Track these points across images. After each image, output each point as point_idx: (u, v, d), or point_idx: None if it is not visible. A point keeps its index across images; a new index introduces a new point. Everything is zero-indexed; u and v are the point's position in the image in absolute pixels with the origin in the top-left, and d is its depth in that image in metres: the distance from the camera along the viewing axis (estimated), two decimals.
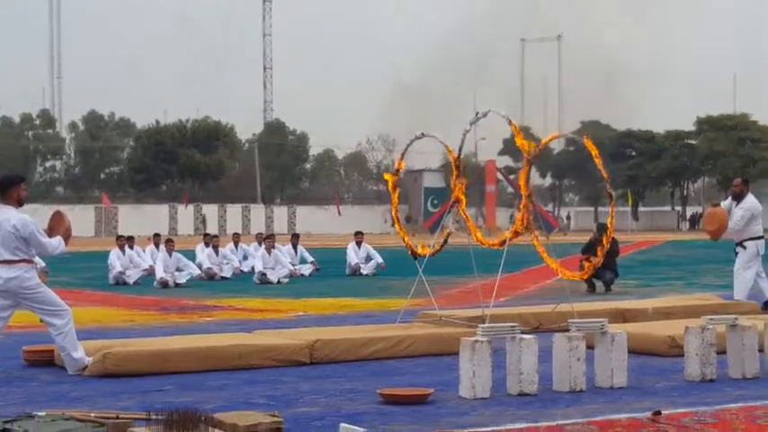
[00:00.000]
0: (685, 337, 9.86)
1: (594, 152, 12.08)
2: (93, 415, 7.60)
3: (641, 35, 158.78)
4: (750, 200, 15.47)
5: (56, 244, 10.27)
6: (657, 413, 7.75)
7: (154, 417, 7.11)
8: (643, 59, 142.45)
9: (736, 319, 10.21)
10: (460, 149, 12.81)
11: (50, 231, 10.43)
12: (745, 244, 15.40)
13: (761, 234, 15.32)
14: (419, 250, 13.35)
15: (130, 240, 25.61)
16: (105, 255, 26.30)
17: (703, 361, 9.65)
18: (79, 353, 10.21)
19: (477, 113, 12.71)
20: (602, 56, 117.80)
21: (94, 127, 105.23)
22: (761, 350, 10.05)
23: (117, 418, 7.45)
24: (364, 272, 27.05)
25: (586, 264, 14.97)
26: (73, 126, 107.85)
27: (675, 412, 7.95)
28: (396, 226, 13.76)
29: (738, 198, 15.43)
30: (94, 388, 9.38)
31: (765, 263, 15.79)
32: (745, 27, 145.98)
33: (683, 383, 9.56)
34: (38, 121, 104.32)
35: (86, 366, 10.13)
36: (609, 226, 12.91)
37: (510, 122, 12.38)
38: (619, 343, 9.45)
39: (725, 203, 15.76)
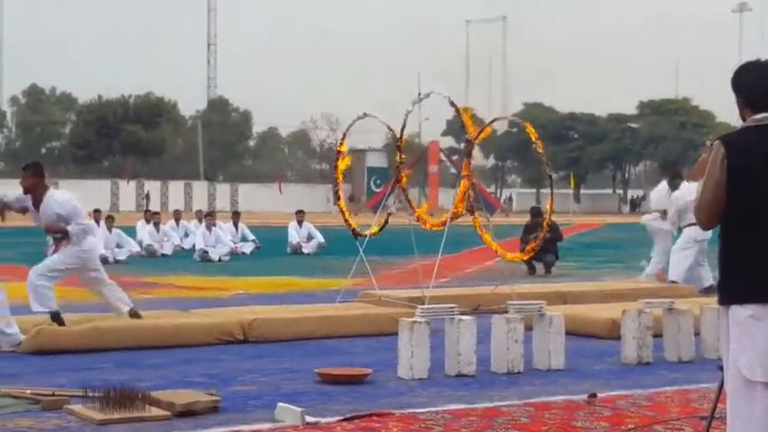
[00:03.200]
0: (622, 321, 9.95)
1: (534, 136, 12.16)
2: (28, 392, 7.54)
3: (586, 18, 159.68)
4: (686, 186, 15.73)
5: None
6: (593, 396, 7.80)
7: (90, 394, 7.06)
8: (586, 42, 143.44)
9: (672, 302, 10.31)
10: (402, 129, 12.79)
11: None
12: (684, 228, 15.69)
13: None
14: (374, 230, 13.29)
15: None
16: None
17: (640, 344, 9.74)
18: (13, 329, 10.08)
19: (419, 94, 12.71)
20: (547, 38, 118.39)
21: (36, 101, 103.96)
22: (696, 334, 10.16)
23: (53, 395, 7.40)
24: (305, 251, 26.99)
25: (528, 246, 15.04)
26: (14, 100, 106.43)
27: (611, 395, 8.01)
28: (339, 205, 13.72)
29: (675, 187, 15.91)
30: (29, 364, 9.27)
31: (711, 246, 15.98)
32: (688, 11, 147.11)
33: (619, 366, 9.65)
34: None
35: (20, 343, 10.00)
36: (549, 210, 13.02)
37: (452, 103, 12.39)
38: (556, 325, 9.51)
39: (661, 186, 16.26)
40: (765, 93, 4.83)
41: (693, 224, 15.50)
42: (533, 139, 12.13)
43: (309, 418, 6.79)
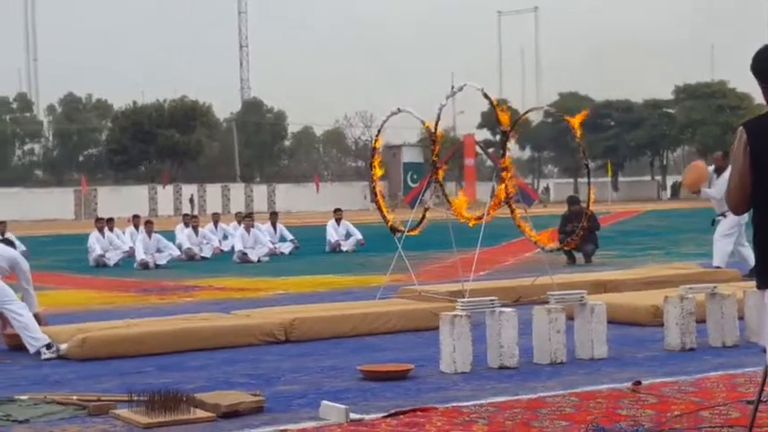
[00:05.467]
0: (665, 307, 9.88)
1: (575, 125, 12.07)
2: (74, 398, 7.60)
3: (617, 4, 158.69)
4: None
5: None
6: (638, 383, 7.77)
7: (136, 398, 7.11)
8: (621, 29, 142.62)
9: (715, 287, 10.23)
10: (437, 124, 12.76)
11: None
12: (726, 213, 15.46)
13: None
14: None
15: (110, 222, 25.50)
16: (85, 237, 26.18)
17: (683, 330, 9.68)
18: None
19: (452, 87, 12.68)
20: (580, 26, 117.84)
21: (72, 109, 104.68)
22: (740, 318, 10.07)
23: (98, 400, 7.46)
24: (344, 249, 27.02)
25: (567, 237, 14.95)
26: (50, 109, 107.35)
27: (655, 382, 7.96)
28: (377, 201, 13.70)
29: (719, 172, 15.51)
30: (74, 371, 9.33)
31: (748, 230, 15.84)
32: None
33: (663, 353, 9.59)
34: (15, 105, 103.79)
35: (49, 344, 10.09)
36: (588, 199, 12.94)
37: (486, 95, 12.35)
38: (598, 314, 9.46)
39: (708, 168, 15.85)
40: None
41: None
42: (573, 129, 12.04)
43: (354, 416, 6.80)
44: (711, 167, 15.97)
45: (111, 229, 25.26)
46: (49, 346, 10.03)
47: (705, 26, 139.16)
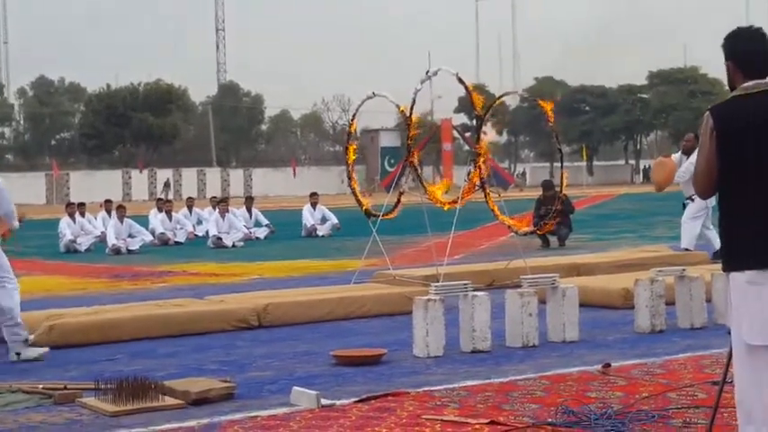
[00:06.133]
0: (635, 290, 9.95)
1: (549, 110, 12.11)
2: (41, 386, 7.55)
3: None
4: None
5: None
6: (607, 365, 7.82)
7: (103, 386, 7.06)
8: (597, 15, 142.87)
9: (683, 270, 10.31)
10: (411, 108, 12.75)
11: None
12: (694, 197, 15.53)
13: None
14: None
15: (81, 207, 25.33)
16: (56, 223, 25.98)
17: (653, 312, 9.75)
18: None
19: (427, 72, 12.67)
20: (556, 12, 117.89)
21: (44, 92, 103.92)
22: (708, 300, 10.16)
23: (65, 388, 7.41)
24: (320, 233, 27.00)
25: (542, 222, 14.99)
26: (21, 92, 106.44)
27: (625, 364, 8.02)
28: (352, 186, 13.69)
29: (689, 153, 15.53)
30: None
31: (715, 214, 15.93)
32: None
33: (633, 335, 9.66)
34: None
35: (27, 340, 9.80)
36: (561, 183, 12.99)
37: (460, 80, 12.36)
38: (570, 297, 9.50)
39: (675, 156, 15.89)
40: (756, 59, 4.82)
41: None
42: (547, 113, 12.09)
43: (325, 401, 6.80)
44: (678, 154, 16.07)
45: (82, 214, 25.08)
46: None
47: (678, 13, 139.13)
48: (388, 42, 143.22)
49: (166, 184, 78.20)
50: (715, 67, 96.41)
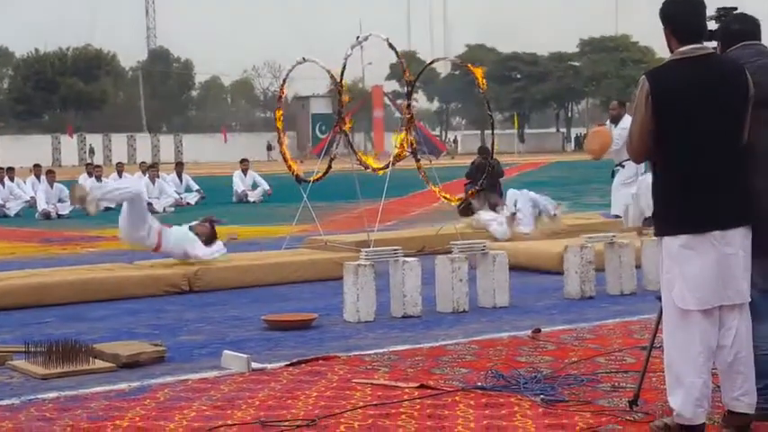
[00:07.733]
0: (565, 256, 10.05)
1: (480, 77, 12.13)
2: None
3: None
4: (628, 120, 15.70)
5: None
6: (537, 331, 7.91)
7: (33, 349, 7.02)
8: None
9: (613, 236, 10.43)
10: (342, 74, 12.70)
11: None
12: (624, 163, 15.67)
13: None
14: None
15: (10, 172, 25.00)
16: None
17: (582, 279, 9.86)
18: None
19: (357, 37, 12.62)
20: None
21: None
22: (638, 266, 10.30)
23: None
24: (251, 199, 26.90)
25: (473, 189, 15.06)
26: None
27: (555, 329, 8.12)
28: (282, 151, 13.62)
29: (616, 121, 15.65)
30: None
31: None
32: None
33: (563, 301, 9.77)
34: None
35: None
36: (491, 152, 13.03)
37: (391, 45, 12.35)
38: (500, 263, 9.58)
39: (606, 125, 16.01)
40: (693, 24, 4.88)
41: None
42: (479, 81, 12.11)
43: (256, 365, 6.81)
44: (608, 122, 16.17)
45: (11, 179, 24.78)
46: None
47: None
48: (320, 8, 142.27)
49: (91, 151, 77.24)
50: (646, 35, 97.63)
